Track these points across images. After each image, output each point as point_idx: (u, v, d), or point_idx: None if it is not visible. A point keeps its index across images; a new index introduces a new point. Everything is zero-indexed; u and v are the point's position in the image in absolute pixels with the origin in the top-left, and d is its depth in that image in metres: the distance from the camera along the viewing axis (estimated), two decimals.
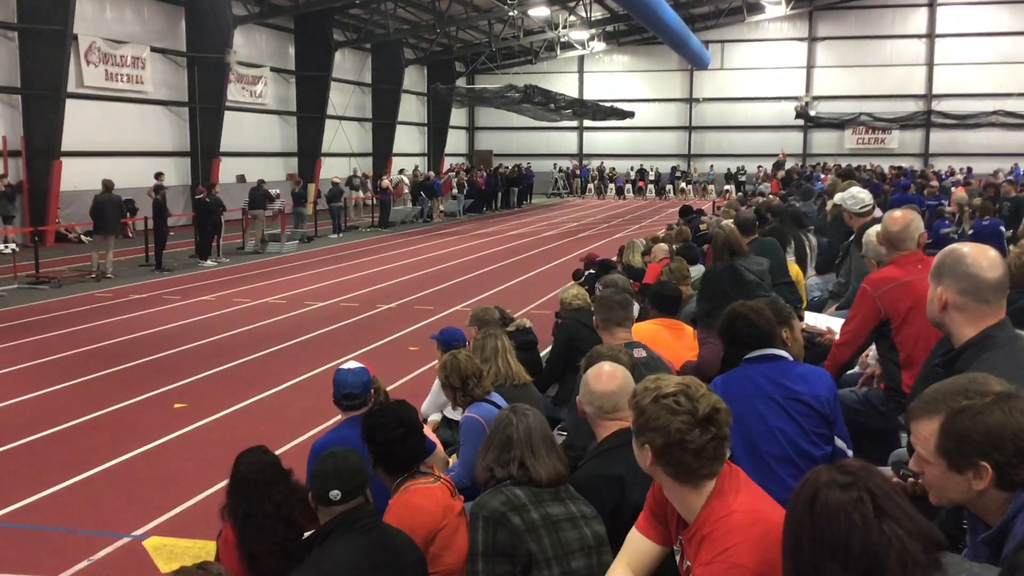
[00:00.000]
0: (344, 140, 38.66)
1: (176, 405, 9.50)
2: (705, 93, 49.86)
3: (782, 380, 3.78)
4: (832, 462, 3.87)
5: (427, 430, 5.14)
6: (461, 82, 47.20)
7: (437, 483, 3.90)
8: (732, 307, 4.07)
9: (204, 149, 29.78)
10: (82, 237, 23.91)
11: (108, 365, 11.14)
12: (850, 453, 3.78)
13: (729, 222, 8.44)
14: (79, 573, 5.74)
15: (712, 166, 49.31)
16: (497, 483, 3.29)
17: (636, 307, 6.25)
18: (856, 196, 7.81)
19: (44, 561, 5.88)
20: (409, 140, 45.84)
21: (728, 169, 47.84)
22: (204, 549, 5.76)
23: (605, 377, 3.50)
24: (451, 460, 4.97)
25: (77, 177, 24.12)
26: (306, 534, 3.48)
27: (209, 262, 20.88)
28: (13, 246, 18.35)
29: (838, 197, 7.99)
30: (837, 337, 5.08)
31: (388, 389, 5.34)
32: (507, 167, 43.92)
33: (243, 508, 3.67)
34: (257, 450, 3.85)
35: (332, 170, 34.78)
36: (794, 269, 8.34)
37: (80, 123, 24.52)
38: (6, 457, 7.91)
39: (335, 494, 3.34)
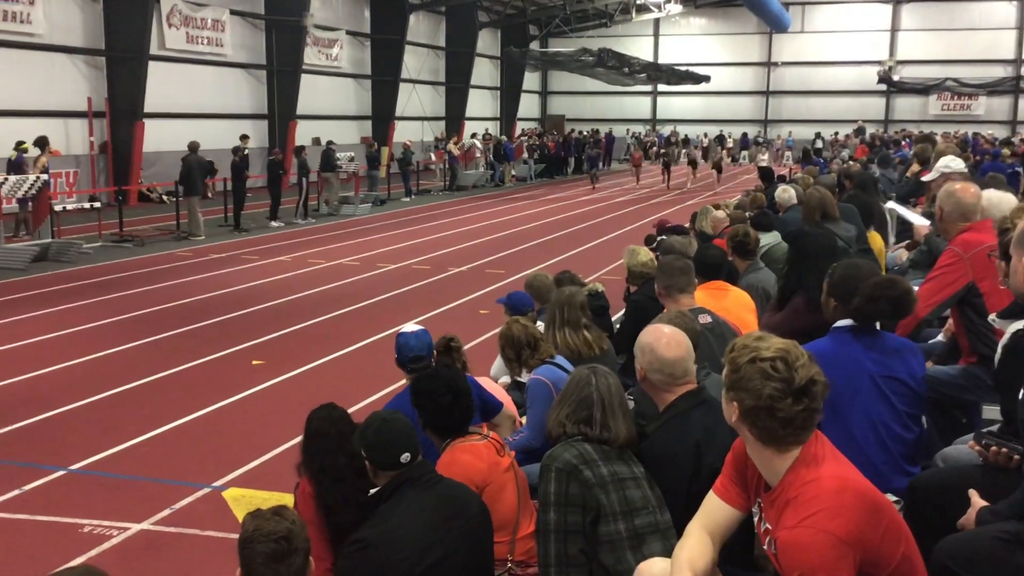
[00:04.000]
0: (417, 104, 38.80)
1: (254, 362, 9.75)
2: (784, 57, 48.74)
3: (881, 357, 3.72)
4: (919, 443, 3.83)
5: (499, 389, 5.21)
6: (535, 45, 46.86)
7: (484, 440, 3.97)
8: (877, 281, 3.91)
9: (281, 112, 30.18)
10: (163, 197, 24.52)
11: (189, 322, 11.47)
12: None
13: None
14: (162, 520, 5.97)
15: (790, 132, 48.27)
16: (568, 439, 3.33)
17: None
18: (951, 165, 7.62)
19: (130, 508, 6.13)
20: (482, 104, 45.79)
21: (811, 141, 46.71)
22: (281, 501, 5.91)
23: (673, 343, 3.47)
24: (523, 420, 5.02)
25: (159, 138, 24.70)
26: (371, 491, 3.57)
27: (276, 223, 21.25)
28: (97, 204, 18.93)
29: (942, 163, 7.78)
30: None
31: None
32: (584, 131, 43.58)
33: (318, 462, 3.77)
34: (328, 406, 3.95)
35: (405, 134, 34.98)
36: (876, 239, 8.16)
37: (162, 85, 25.05)
38: (94, 408, 8.23)
39: (406, 457, 3.41)
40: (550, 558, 3.20)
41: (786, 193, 10.27)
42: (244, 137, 22.28)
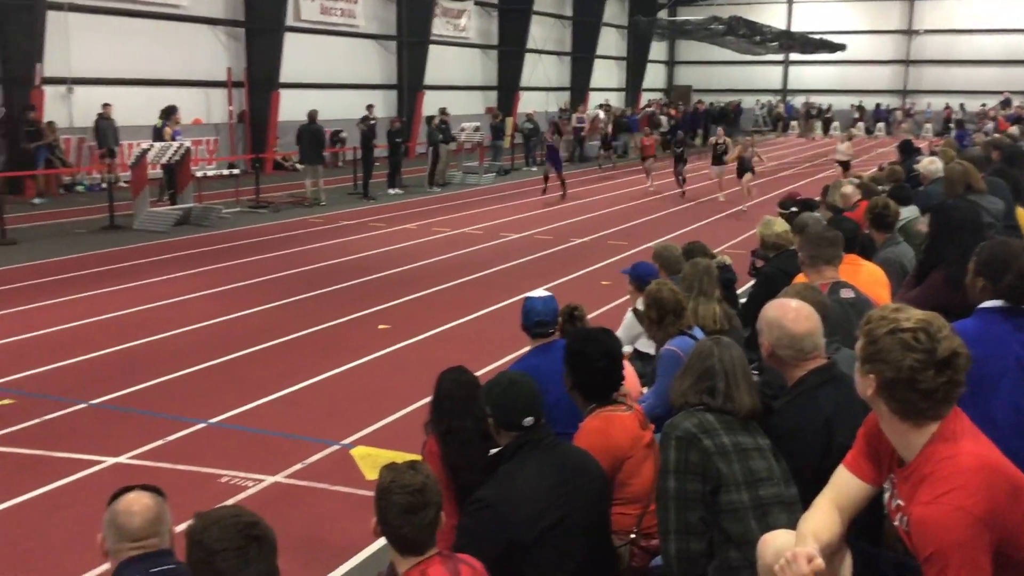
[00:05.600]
0: (542, 74, 38.74)
1: (380, 326, 10.02)
2: (926, 24, 46.49)
3: None
4: None
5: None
6: (662, 14, 46.04)
7: (629, 412, 3.97)
8: None
9: (410, 82, 30.64)
10: (296, 166, 25.31)
11: (318, 286, 11.86)
12: None
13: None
14: (294, 474, 6.24)
15: (929, 104, 46.09)
16: (690, 408, 3.31)
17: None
18: None
19: (264, 461, 6.42)
20: (607, 74, 45.35)
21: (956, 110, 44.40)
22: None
23: (801, 318, 3.39)
24: (643, 391, 5.01)
25: (293, 108, 25.45)
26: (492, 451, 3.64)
27: (394, 190, 21.67)
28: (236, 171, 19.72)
29: None
30: None
31: None
32: (714, 103, 42.66)
33: (445, 423, 3.87)
34: (458, 369, 4.03)
35: (530, 104, 35.01)
36: None
37: (296, 56, 25.76)
38: (230, 366, 8.62)
39: (529, 420, 3.46)
40: (670, 525, 3.21)
41: (933, 164, 9.82)
42: (370, 107, 22.75)
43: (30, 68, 19.06)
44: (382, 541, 4.92)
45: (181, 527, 2.75)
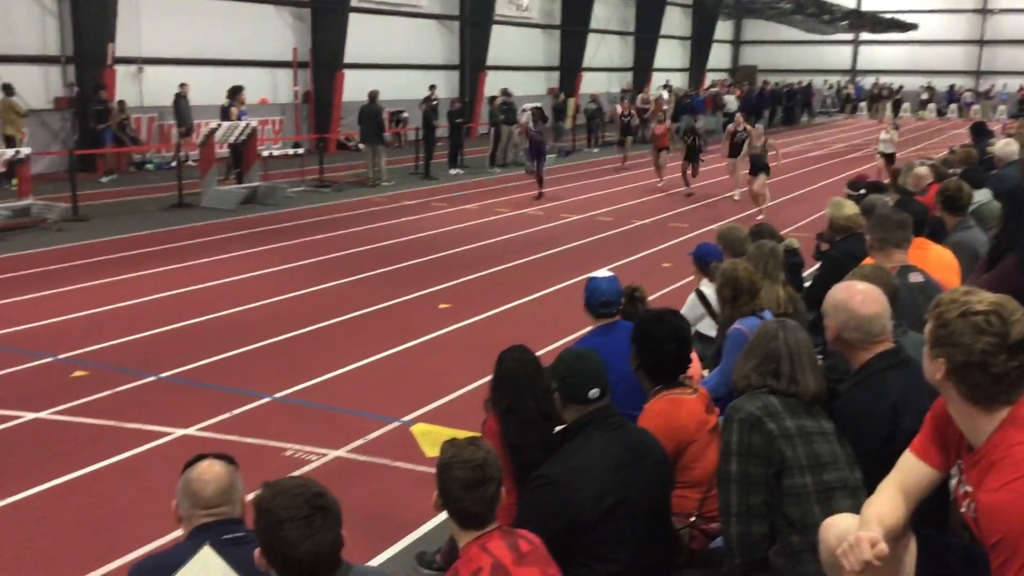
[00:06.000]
0: (605, 54, 38.45)
1: (441, 305, 10.10)
2: (1002, 3, 44.99)
3: None
4: None
5: None
6: None
7: (695, 396, 3.96)
8: None
9: (472, 62, 30.67)
10: (358, 146, 25.54)
11: (380, 265, 11.98)
12: None
13: None
14: (356, 449, 6.34)
15: (1005, 84, 44.71)
16: (753, 391, 3.29)
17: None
18: None
19: (327, 436, 6.54)
20: (670, 55, 44.83)
21: None
22: None
23: (869, 300, 3.34)
24: (704, 374, 4.99)
25: (357, 88, 25.65)
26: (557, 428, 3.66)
27: (455, 170, 21.75)
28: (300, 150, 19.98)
29: None
30: None
31: None
32: (778, 83, 41.92)
33: (506, 402, 3.89)
34: (520, 348, 4.05)
35: (592, 85, 34.80)
36: None
37: (360, 36, 25.93)
38: (294, 342, 8.76)
39: (595, 393, 3.47)
40: (731, 507, 3.20)
41: (1009, 147, 9.55)
42: (433, 87, 22.83)
43: (102, 48, 19.51)
44: (442, 516, 5.00)
45: (249, 497, 2.83)
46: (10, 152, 15.38)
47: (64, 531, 5.22)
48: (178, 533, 4.56)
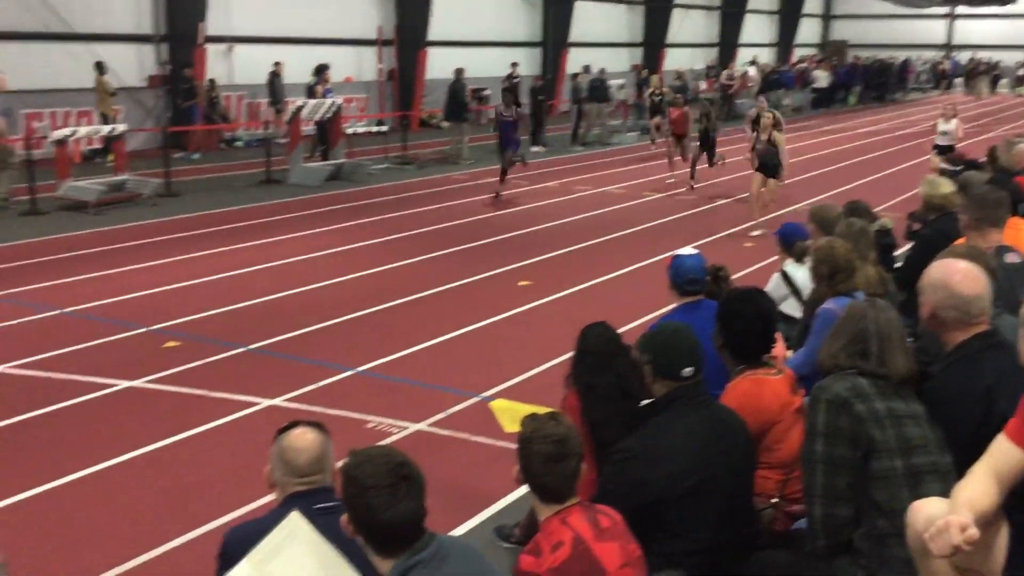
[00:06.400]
0: (689, 30, 37.81)
1: (521, 282, 10.13)
2: None
3: None
4: None
5: None
6: None
7: (780, 376, 3.90)
8: None
9: (554, 39, 30.50)
10: (441, 123, 25.68)
11: (461, 242, 12.06)
12: None
13: None
14: (436, 423, 6.42)
15: None
16: (841, 371, 3.23)
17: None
18: None
19: (407, 409, 6.63)
20: (757, 30, 43.84)
21: None
22: None
23: (969, 279, 3.23)
24: (788, 355, 4.91)
25: (439, 66, 25.76)
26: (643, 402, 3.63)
27: (537, 148, 21.68)
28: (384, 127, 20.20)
29: None
30: None
31: None
32: (876, 58, 40.69)
33: (587, 378, 3.89)
34: (601, 324, 4.04)
35: (676, 61, 34.30)
36: None
37: (444, 14, 26.00)
38: (376, 317, 8.90)
39: (689, 371, 3.44)
40: (816, 489, 3.15)
41: None
42: (515, 65, 22.80)
43: (194, 27, 19.99)
44: (521, 490, 5.04)
45: (336, 465, 2.89)
46: (106, 129, 15.92)
47: (157, 495, 5.42)
48: (267, 499, 4.69)
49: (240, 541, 2.70)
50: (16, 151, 14.48)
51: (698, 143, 16.73)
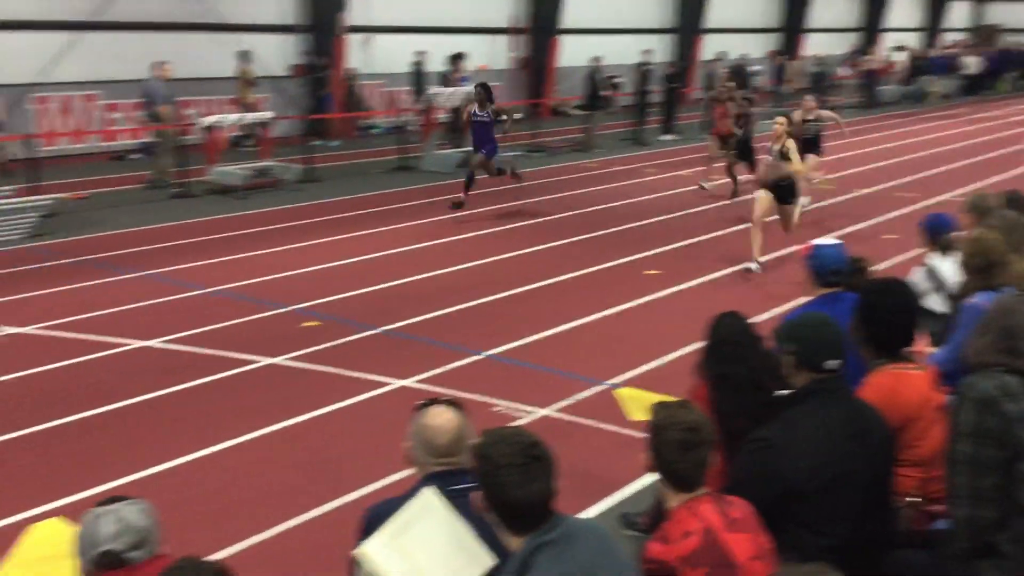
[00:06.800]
0: (829, 14, 36.53)
1: (648, 271, 10.07)
2: None
3: None
4: None
5: None
6: None
7: (921, 371, 3.76)
8: None
9: (688, 26, 30.01)
10: (571, 111, 25.68)
11: (590, 229, 12.06)
12: None
13: None
14: (562, 409, 6.47)
15: None
16: (988, 369, 3.09)
17: None
18: None
19: (533, 394, 6.70)
20: (902, 13, 41.91)
21: None
22: None
23: None
24: (931, 350, 4.73)
25: (570, 54, 25.76)
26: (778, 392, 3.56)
27: (668, 136, 21.40)
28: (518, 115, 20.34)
29: None
30: None
31: None
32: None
33: (719, 369, 3.84)
34: (733, 315, 3.99)
35: (815, 47, 33.23)
36: None
37: (577, 1, 25.96)
38: (506, 302, 9.00)
39: (832, 363, 3.35)
40: (960, 490, 3.03)
41: None
42: (647, 52, 22.56)
43: (334, 18, 20.60)
44: (646, 479, 5.04)
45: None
46: (250, 116, 16.62)
47: (295, 468, 5.66)
48: (398, 476, 4.84)
49: (381, 516, 2.76)
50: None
51: (733, 151, 13.95)
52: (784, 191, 9.84)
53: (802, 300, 5.12)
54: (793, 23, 34.78)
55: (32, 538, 4.84)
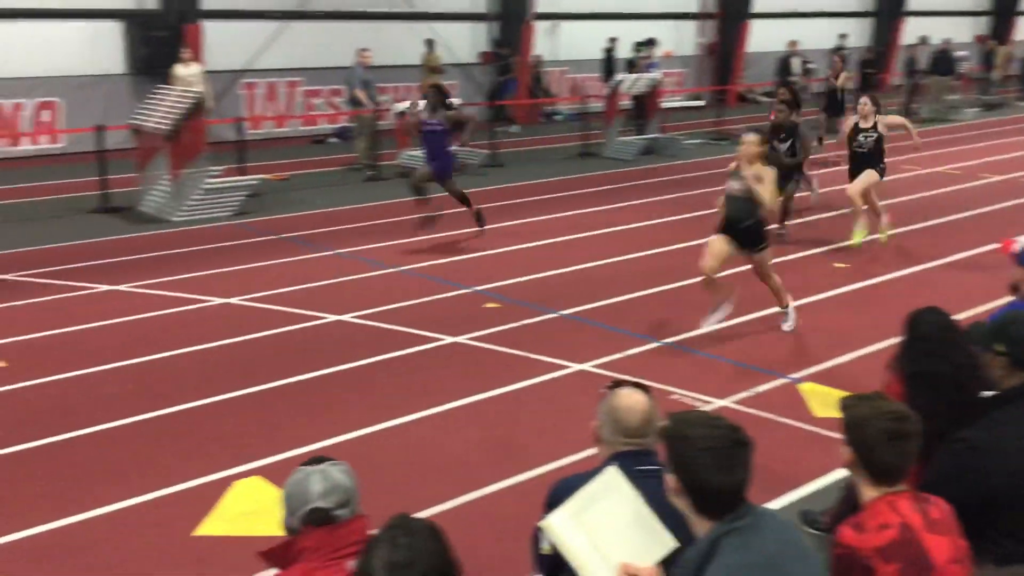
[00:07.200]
0: None
1: (836, 264, 9.73)
2: None
3: None
4: None
5: None
6: None
7: None
8: None
9: (889, 8, 28.55)
10: (758, 98, 24.98)
11: (773, 219, 11.71)
12: None
13: None
14: (741, 401, 6.37)
15: None
16: None
17: None
18: None
19: (711, 384, 6.64)
20: None
21: None
22: None
23: None
24: None
25: (761, 39, 25.04)
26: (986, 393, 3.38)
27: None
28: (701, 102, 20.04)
29: None
30: None
31: None
32: None
33: (915, 366, 3.67)
34: (934, 310, 3.79)
35: None
36: None
37: None
38: (679, 292, 8.79)
39: None
40: None
41: None
42: (843, 36, 21.66)
43: (523, 5, 20.90)
44: (829, 478, 4.94)
45: None
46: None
47: (476, 443, 5.85)
48: (578, 456, 4.94)
49: (567, 491, 2.81)
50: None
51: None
52: (743, 233, 7.67)
53: (1007, 299, 4.84)
54: (1005, 4, 32.41)
55: (234, 494, 5.22)
